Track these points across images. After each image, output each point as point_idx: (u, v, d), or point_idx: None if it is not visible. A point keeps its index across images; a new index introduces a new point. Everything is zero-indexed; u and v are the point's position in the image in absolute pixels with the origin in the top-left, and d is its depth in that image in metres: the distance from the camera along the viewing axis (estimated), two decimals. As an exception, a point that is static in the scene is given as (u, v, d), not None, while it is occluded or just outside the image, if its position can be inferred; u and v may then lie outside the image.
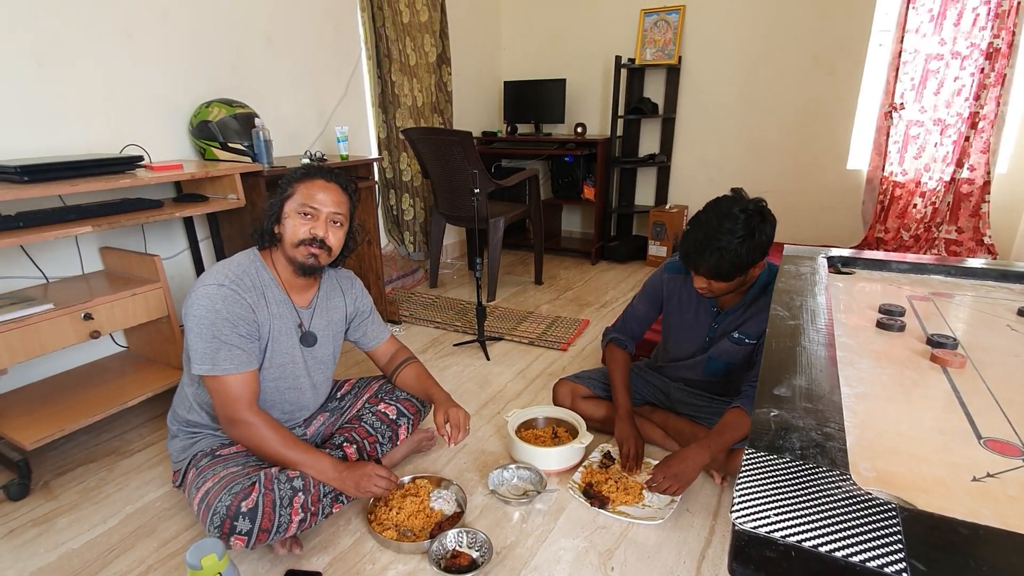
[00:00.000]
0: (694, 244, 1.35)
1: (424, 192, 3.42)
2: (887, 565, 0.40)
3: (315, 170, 1.34)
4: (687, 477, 1.43)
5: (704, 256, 1.33)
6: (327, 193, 1.31)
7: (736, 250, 1.30)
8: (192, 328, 1.23)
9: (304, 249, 1.31)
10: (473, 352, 2.43)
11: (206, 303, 1.23)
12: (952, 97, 2.92)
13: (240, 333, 1.25)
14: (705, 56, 3.58)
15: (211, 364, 1.23)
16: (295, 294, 1.39)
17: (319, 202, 1.30)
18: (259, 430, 1.24)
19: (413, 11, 3.11)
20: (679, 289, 1.63)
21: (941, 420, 0.66)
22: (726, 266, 1.33)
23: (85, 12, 1.81)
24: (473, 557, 1.27)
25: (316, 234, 1.31)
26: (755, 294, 1.50)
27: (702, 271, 1.37)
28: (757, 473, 0.50)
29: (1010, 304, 1.06)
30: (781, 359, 0.72)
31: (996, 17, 2.72)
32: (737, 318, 1.53)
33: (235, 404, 1.24)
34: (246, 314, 1.27)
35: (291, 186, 1.32)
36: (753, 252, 1.33)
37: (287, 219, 1.31)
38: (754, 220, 1.32)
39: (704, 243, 1.32)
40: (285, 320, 1.36)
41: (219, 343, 1.22)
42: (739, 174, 3.69)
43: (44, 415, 1.60)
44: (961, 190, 3.01)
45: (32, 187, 1.44)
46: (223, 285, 1.25)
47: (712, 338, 1.58)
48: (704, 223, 1.35)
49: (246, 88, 2.35)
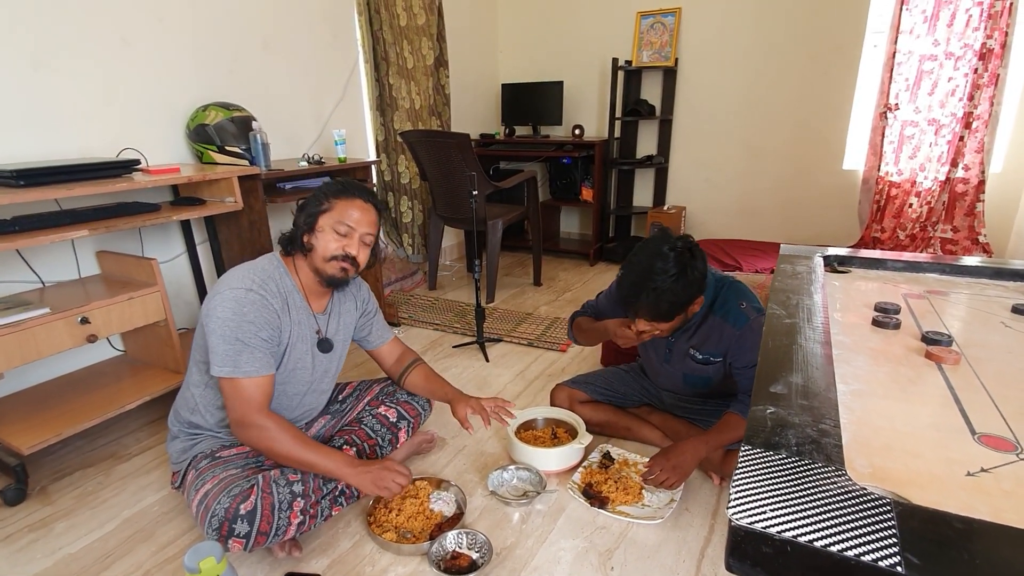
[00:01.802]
0: (630, 287, 1.34)
1: (422, 194, 3.42)
2: (882, 559, 0.40)
3: (355, 189, 1.35)
4: (685, 469, 1.43)
5: (641, 298, 1.32)
6: (364, 213, 1.33)
7: (672, 288, 1.30)
8: (215, 330, 1.23)
9: (336, 264, 1.33)
10: (472, 354, 2.43)
11: (233, 306, 1.23)
12: (946, 97, 2.93)
13: (263, 337, 1.26)
14: (701, 58, 3.59)
15: (232, 366, 1.22)
16: (313, 300, 1.40)
17: (356, 221, 1.32)
18: (271, 433, 1.23)
19: (410, 14, 3.11)
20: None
21: (936, 416, 0.67)
22: (664, 306, 1.32)
23: (82, 16, 1.81)
24: (473, 558, 1.27)
25: (349, 252, 1.33)
26: (699, 316, 1.49)
27: (642, 314, 1.36)
28: (754, 469, 0.50)
29: (1004, 301, 1.06)
30: (778, 357, 0.73)
31: (989, 18, 2.73)
32: (687, 339, 1.53)
33: (248, 407, 1.23)
34: (271, 319, 1.28)
35: (329, 200, 1.32)
36: (688, 289, 1.32)
37: (321, 233, 1.31)
38: (684, 257, 1.31)
39: (639, 285, 1.32)
40: (304, 327, 1.37)
41: (242, 345, 1.22)
42: (736, 175, 3.71)
43: (41, 420, 1.60)
44: (956, 189, 3.02)
45: (28, 191, 1.44)
46: (251, 290, 1.25)
47: (671, 351, 1.58)
48: (636, 265, 1.35)
49: (243, 91, 2.35)
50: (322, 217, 1.32)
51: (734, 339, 1.44)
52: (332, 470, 1.25)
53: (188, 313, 2.27)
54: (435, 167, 2.88)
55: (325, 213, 1.32)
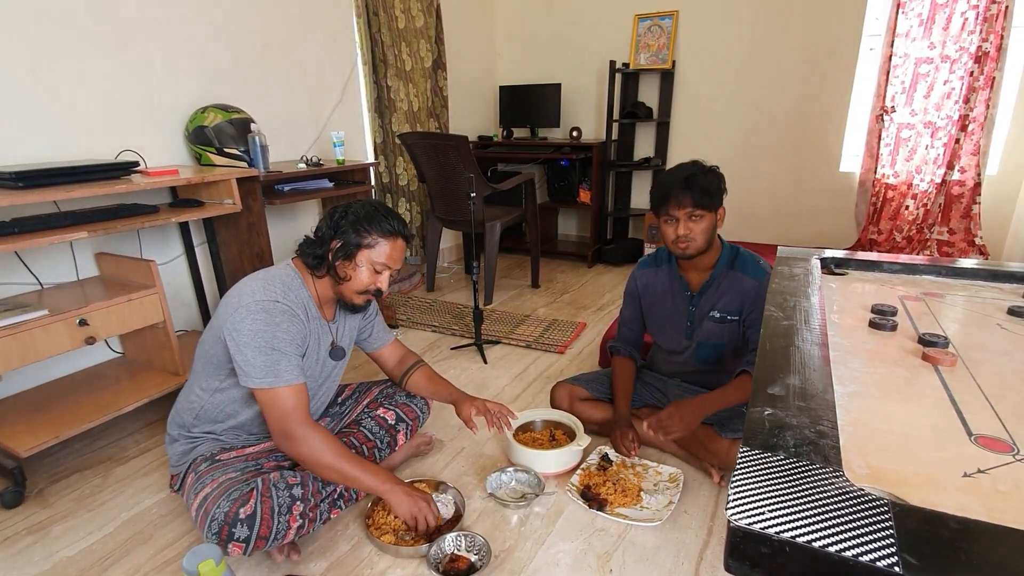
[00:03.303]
0: (670, 179, 1.49)
1: (420, 196, 3.43)
2: (879, 559, 0.40)
3: (400, 227, 1.33)
4: (688, 421, 1.47)
5: (681, 183, 1.46)
6: (401, 253, 1.35)
7: (708, 177, 1.47)
8: (249, 342, 1.20)
9: (364, 297, 1.35)
10: (470, 356, 2.43)
11: (265, 317, 1.21)
12: (942, 100, 2.95)
13: (296, 345, 1.26)
14: (698, 61, 3.60)
15: (273, 376, 1.20)
16: (325, 309, 1.41)
17: (394, 262, 1.33)
18: (315, 444, 1.22)
19: (408, 17, 3.12)
20: (652, 281, 1.71)
21: (933, 418, 0.67)
22: (700, 188, 1.45)
23: (80, 19, 1.81)
24: (472, 560, 1.27)
25: (380, 287, 1.34)
26: (721, 270, 1.58)
27: (684, 200, 1.46)
28: (752, 470, 0.51)
29: (1000, 303, 1.07)
30: (775, 359, 0.73)
31: (984, 21, 2.75)
32: (711, 296, 1.59)
33: (291, 417, 1.21)
34: (301, 329, 1.28)
35: (374, 237, 1.29)
36: (719, 182, 1.50)
37: (359, 268, 1.30)
38: (707, 164, 1.51)
39: (677, 175, 1.48)
40: (319, 337, 1.37)
41: (280, 355, 1.21)
42: (733, 177, 3.65)
43: (39, 422, 1.59)
44: (952, 192, 3.03)
45: (27, 193, 1.44)
46: (279, 301, 1.24)
47: (692, 321, 1.63)
48: (670, 170, 1.53)
49: (242, 94, 2.35)
50: (363, 252, 1.29)
51: (753, 290, 1.53)
52: (374, 486, 1.25)
53: (187, 315, 2.27)
54: (433, 169, 2.88)
55: (368, 249, 1.29)
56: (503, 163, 4.11)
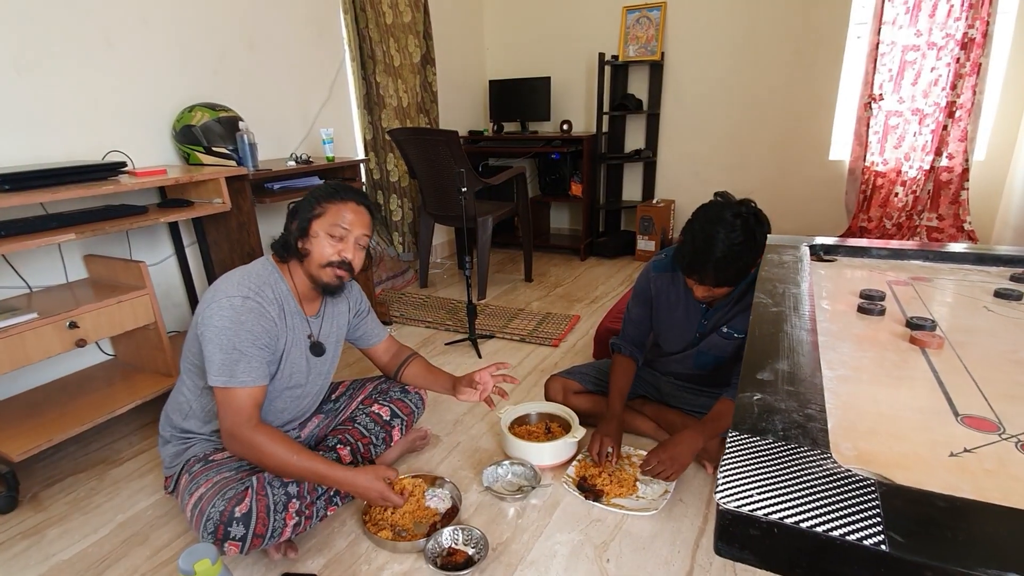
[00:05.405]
0: (696, 255, 1.33)
1: (412, 192, 3.41)
2: (866, 538, 0.41)
3: (346, 191, 1.33)
4: (682, 460, 1.45)
5: (708, 267, 1.32)
6: (357, 215, 1.31)
7: (740, 256, 1.30)
8: (212, 339, 1.20)
9: (331, 271, 1.31)
10: (465, 350, 2.43)
11: (230, 314, 1.20)
12: (929, 87, 2.97)
13: (260, 346, 1.24)
14: (687, 52, 3.60)
15: (228, 376, 1.20)
16: (306, 304, 1.39)
17: (350, 223, 1.30)
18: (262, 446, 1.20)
19: (396, 12, 3.10)
20: (667, 287, 1.62)
21: (920, 399, 0.68)
22: (732, 273, 1.33)
23: (65, 18, 1.79)
24: (469, 554, 1.28)
25: (345, 257, 1.31)
26: (743, 289, 1.49)
27: (708, 281, 1.36)
28: (740, 454, 0.51)
29: (987, 286, 1.08)
30: (764, 345, 0.74)
31: (970, 7, 2.76)
32: (725, 313, 1.54)
33: (239, 418, 1.20)
34: (269, 327, 1.26)
35: (321, 204, 1.29)
36: (754, 254, 1.33)
37: (315, 239, 1.29)
38: (750, 223, 1.31)
39: (706, 253, 1.31)
40: (298, 332, 1.36)
41: (239, 355, 1.20)
42: (723, 167, 3.73)
43: (31, 426, 1.58)
44: (941, 178, 3.06)
45: (13, 195, 1.42)
46: (248, 297, 1.23)
47: (702, 333, 1.59)
48: (700, 233, 1.33)
49: (229, 92, 2.33)
50: (315, 222, 1.29)
51: None
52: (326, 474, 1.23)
53: (178, 316, 2.25)
54: (424, 165, 2.87)
55: (318, 218, 1.29)
56: (494, 157, 4.10)
